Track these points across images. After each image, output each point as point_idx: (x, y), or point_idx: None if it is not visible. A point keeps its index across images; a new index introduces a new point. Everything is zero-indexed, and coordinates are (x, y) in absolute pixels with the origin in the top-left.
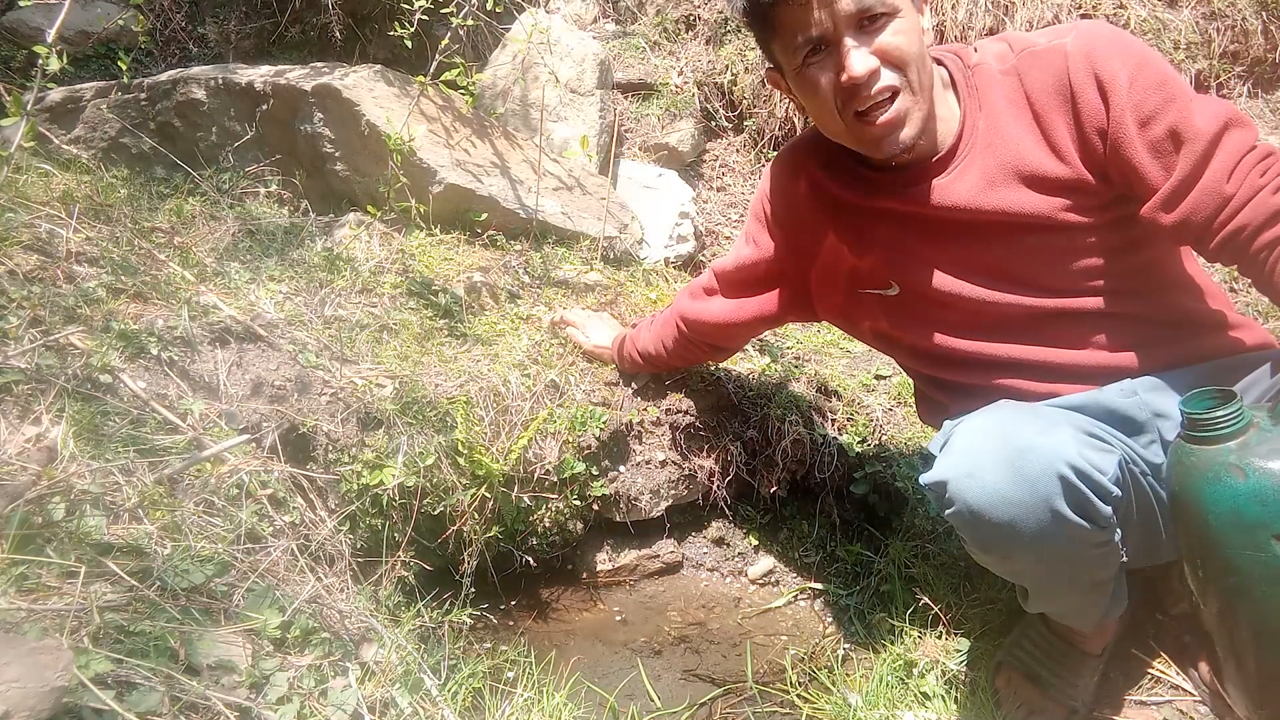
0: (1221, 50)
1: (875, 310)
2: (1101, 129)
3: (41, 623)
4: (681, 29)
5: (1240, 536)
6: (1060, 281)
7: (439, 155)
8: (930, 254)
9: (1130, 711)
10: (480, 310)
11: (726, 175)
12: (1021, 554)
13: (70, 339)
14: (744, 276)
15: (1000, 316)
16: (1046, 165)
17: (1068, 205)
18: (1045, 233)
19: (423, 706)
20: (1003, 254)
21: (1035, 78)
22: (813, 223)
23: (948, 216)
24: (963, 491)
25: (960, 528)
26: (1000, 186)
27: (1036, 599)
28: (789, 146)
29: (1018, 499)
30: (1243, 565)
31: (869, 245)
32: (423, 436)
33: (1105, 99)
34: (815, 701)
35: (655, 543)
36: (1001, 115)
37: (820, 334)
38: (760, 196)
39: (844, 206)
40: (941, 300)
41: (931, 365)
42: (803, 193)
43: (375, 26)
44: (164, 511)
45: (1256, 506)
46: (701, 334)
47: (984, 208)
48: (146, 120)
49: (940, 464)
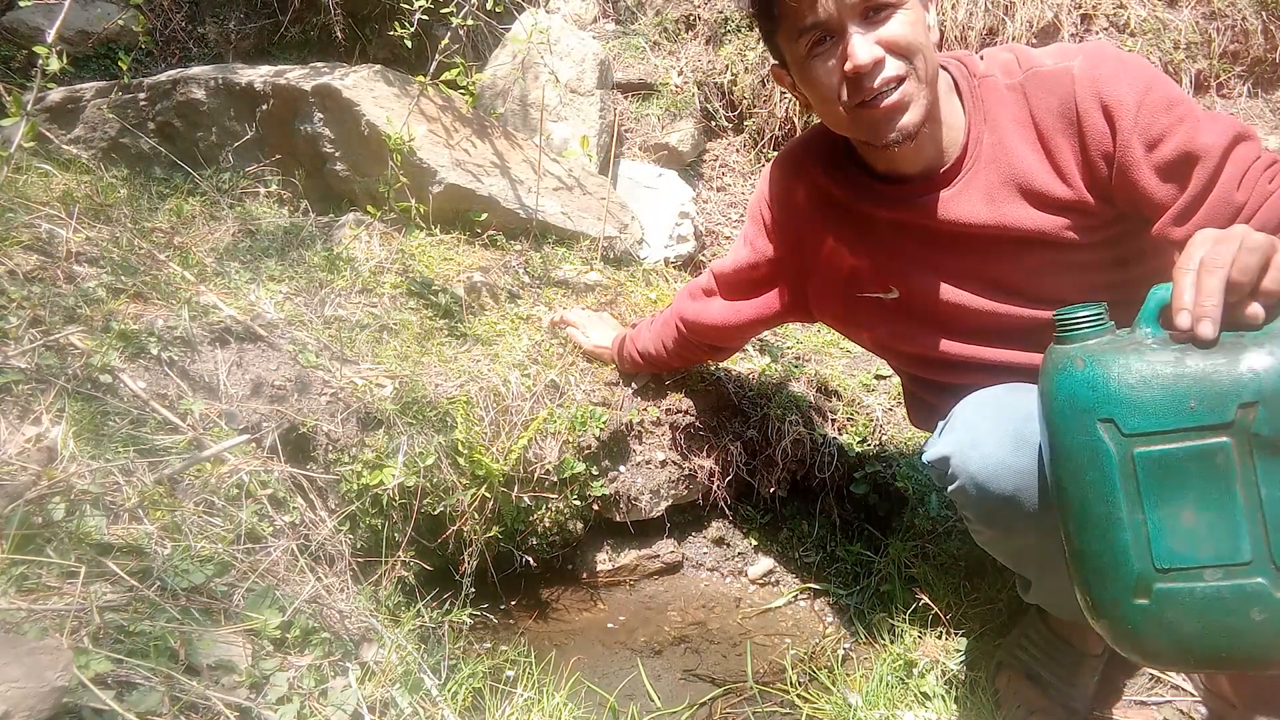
0: (1221, 50)
1: (874, 313)
2: (1108, 154)
3: (41, 623)
4: (681, 29)
5: (1072, 421)
6: (1061, 293)
7: (439, 155)
8: (932, 262)
9: (1130, 711)
10: (480, 310)
11: (726, 175)
12: (1024, 526)
13: (70, 339)
14: (742, 279)
15: (1000, 325)
16: (1050, 185)
17: (1069, 224)
18: (1047, 248)
19: (423, 706)
20: (1005, 267)
21: (1041, 99)
22: (812, 225)
23: (951, 230)
24: (966, 463)
25: (964, 504)
26: (1003, 202)
27: (1038, 585)
28: (789, 148)
29: (1021, 466)
30: (1073, 449)
31: (869, 249)
32: (423, 436)
33: (1112, 124)
34: (815, 701)
35: (655, 543)
36: (1006, 131)
37: (820, 334)
38: (758, 198)
39: (845, 209)
40: (941, 307)
41: (926, 369)
42: (802, 194)
43: (375, 26)
44: (164, 511)
45: (1087, 391)
46: (700, 335)
47: (987, 223)
48: (146, 120)
49: (942, 440)
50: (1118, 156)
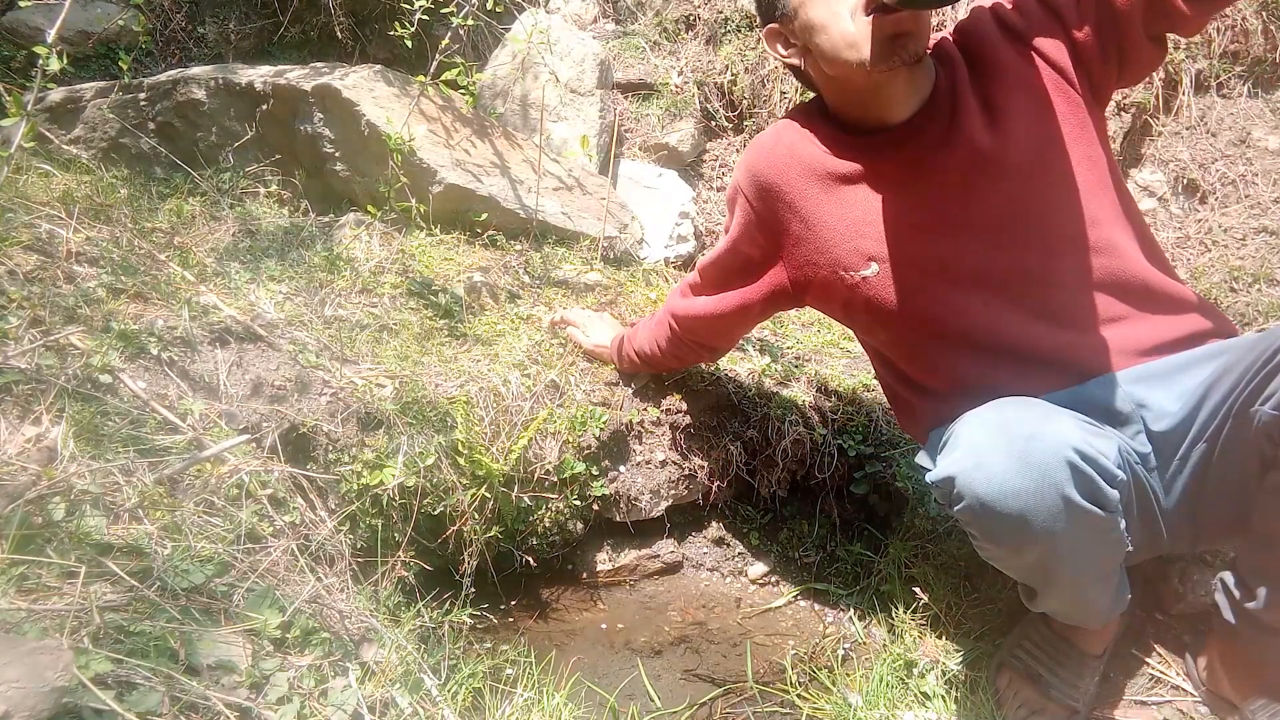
0: (1221, 50)
1: (857, 294)
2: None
3: (41, 623)
4: (681, 29)
5: None
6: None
7: (439, 155)
8: (914, 217)
9: (1130, 711)
10: (480, 310)
11: (726, 175)
12: (1032, 545)
13: (70, 339)
14: (725, 269)
15: (979, 271)
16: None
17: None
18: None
19: (423, 706)
20: (995, 198)
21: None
22: (788, 202)
23: (946, 161)
24: (972, 484)
25: (970, 523)
26: (995, 125)
27: (1044, 596)
28: (760, 134)
29: (1027, 488)
30: None
31: (851, 217)
32: (423, 436)
33: (1029, 17)
34: (815, 701)
35: (655, 543)
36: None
37: (820, 334)
38: (733, 186)
39: (823, 180)
40: (923, 266)
41: (907, 351)
42: (777, 174)
43: (375, 26)
44: (164, 511)
45: None
46: (691, 331)
47: (986, 147)
48: (146, 120)
49: (945, 460)
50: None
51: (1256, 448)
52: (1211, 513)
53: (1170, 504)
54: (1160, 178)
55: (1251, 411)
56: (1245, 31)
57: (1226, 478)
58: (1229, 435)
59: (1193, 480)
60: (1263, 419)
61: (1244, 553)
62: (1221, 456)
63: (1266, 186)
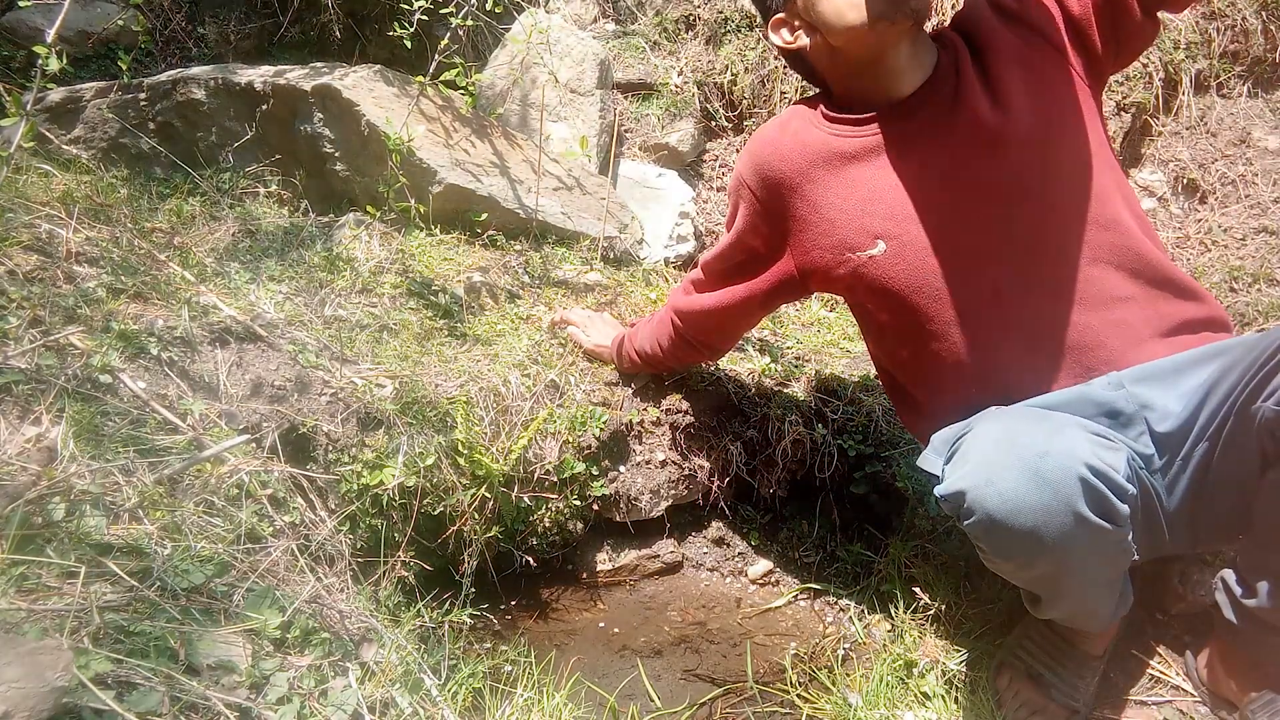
0: (1221, 50)
1: (864, 273)
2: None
3: (41, 623)
4: (681, 29)
5: None
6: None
7: (439, 155)
8: (921, 190)
9: (1130, 711)
10: (480, 310)
11: (726, 175)
12: (1041, 560)
13: (70, 339)
14: (728, 263)
15: (986, 246)
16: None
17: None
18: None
19: (423, 706)
20: (1001, 172)
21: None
22: (792, 190)
23: (951, 135)
24: (983, 500)
25: (980, 537)
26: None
27: (1050, 604)
28: (767, 124)
29: (1039, 504)
30: None
31: (856, 199)
32: (423, 436)
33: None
34: (815, 701)
35: (655, 543)
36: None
37: (820, 334)
38: (735, 179)
39: (825, 165)
40: (930, 241)
41: (911, 333)
42: (779, 163)
43: (375, 26)
44: (164, 511)
45: None
46: (694, 328)
47: (990, 121)
48: (146, 120)
49: (955, 474)
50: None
51: (1258, 445)
52: (1212, 512)
53: (1173, 504)
54: (1160, 178)
55: (1253, 409)
56: (1245, 31)
57: (1228, 476)
58: (1230, 433)
59: (1195, 480)
60: (1264, 416)
61: (1245, 550)
62: (1223, 455)
63: (1266, 186)
